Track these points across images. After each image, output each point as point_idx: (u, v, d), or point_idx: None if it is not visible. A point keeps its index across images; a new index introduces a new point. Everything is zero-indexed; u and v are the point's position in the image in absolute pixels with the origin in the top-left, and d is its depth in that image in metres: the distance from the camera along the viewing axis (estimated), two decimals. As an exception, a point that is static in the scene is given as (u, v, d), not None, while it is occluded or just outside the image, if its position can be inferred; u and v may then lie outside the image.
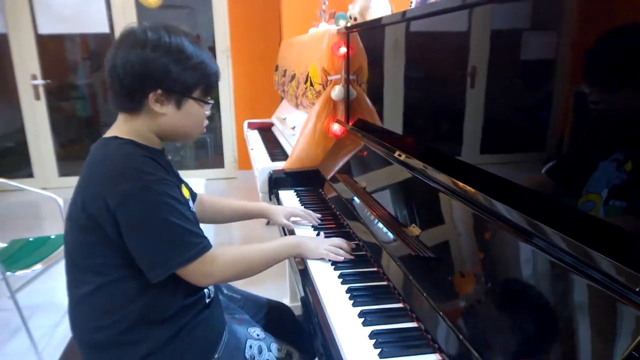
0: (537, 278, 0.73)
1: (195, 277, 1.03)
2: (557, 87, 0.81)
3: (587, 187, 0.72)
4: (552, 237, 0.71)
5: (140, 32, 0.98)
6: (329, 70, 1.93)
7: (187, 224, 1.00)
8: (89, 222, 0.98)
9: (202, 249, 1.01)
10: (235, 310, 1.32)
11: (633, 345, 0.53)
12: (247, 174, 4.88)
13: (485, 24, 1.02)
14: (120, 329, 1.02)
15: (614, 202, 0.68)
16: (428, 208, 1.13)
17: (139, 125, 1.04)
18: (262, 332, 1.23)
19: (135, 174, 0.96)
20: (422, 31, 1.37)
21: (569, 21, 0.79)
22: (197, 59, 1.01)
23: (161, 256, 0.98)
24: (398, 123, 1.52)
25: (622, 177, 0.67)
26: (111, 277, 1.01)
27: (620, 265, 0.59)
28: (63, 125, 4.92)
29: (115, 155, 0.99)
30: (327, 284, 1.10)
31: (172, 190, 1.00)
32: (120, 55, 0.98)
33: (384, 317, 0.94)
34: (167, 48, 0.98)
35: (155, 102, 1.01)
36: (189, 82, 1.02)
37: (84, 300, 1.04)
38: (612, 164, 0.69)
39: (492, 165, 1.01)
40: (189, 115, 1.05)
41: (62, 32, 4.67)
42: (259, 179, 1.99)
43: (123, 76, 0.97)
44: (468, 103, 1.08)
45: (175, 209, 0.98)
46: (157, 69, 0.97)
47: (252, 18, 4.70)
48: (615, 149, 0.68)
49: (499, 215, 0.86)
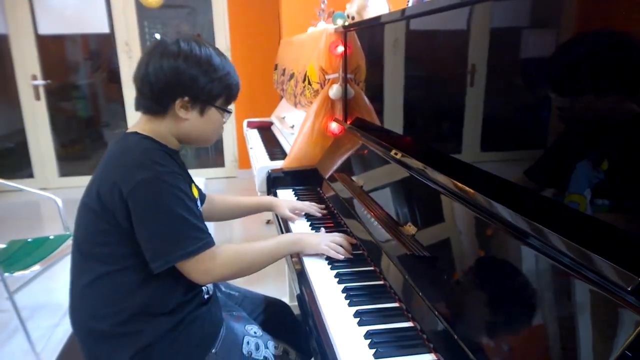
0: (531, 278, 0.73)
1: (195, 272, 1.05)
2: (552, 87, 0.80)
3: (570, 188, 0.72)
4: (548, 237, 0.70)
5: (172, 43, 1.05)
6: (326, 69, 1.92)
7: (193, 218, 1.04)
8: (102, 210, 1.02)
9: (205, 245, 1.04)
10: (233, 307, 1.33)
11: (626, 344, 0.52)
12: (248, 172, 4.88)
13: (485, 21, 1.01)
14: (120, 320, 1.05)
15: (598, 201, 0.67)
16: (425, 207, 1.12)
17: (161, 127, 1.10)
18: (260, 330, 1.24)
19: (150, 165, 1.01)
20: (420, 29, 1.36)
21: (567, 20, 0.78)
22: (223, 70, 1.10)
23: (164, 247, 1.01)
24: (396, 121, 1.51)
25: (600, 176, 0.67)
26: (115, 266, 1.04)
27: (614, 265, 0.58)
28: (63, 126, 4.92)
29: (133, 148, 1.05)
30: (324, 284, 1.09)
31: (183, 185, 1.04)
32: (152, 62, 1.04)
33: (379, 317, 0.94)
34: (197, 59, 1.05)
35: (181, 108, 1.07)
36: (214, 92, 1.09)
37: (86, 289, 1.07)
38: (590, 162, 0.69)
39: (490, 163, 1.00)
40: (210, 121, 1.12)
41: (62, 32, 4.67)
42: (257, 178, 1.99)
43: (155, 82, 1.04)
44: (467, 101, 1.08)
45: (184, 202, 1.02)
46: (187, 78, 1.05)
47: (251, 17, 4.70)
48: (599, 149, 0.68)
49: (496, 215, 0.85)
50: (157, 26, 4.91)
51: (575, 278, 0.63)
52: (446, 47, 1.21)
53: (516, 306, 0.73)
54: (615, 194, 0.65)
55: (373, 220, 1.23)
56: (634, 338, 0.51)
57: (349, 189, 1.49)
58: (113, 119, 5.10)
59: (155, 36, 4.91)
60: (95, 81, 5.04)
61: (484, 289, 0.81)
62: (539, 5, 0.84)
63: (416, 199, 1.17)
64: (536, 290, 0.70)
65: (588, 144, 0.71)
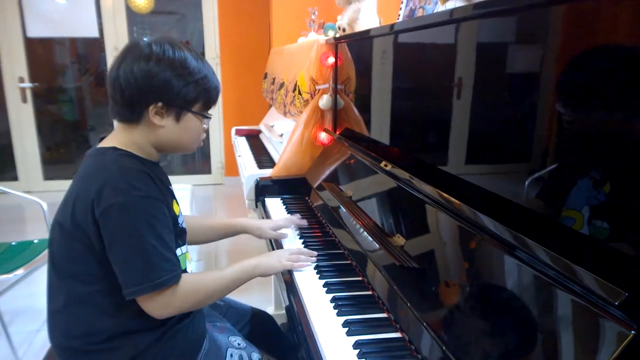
0: (520, 290, 0.74)
1: (152, 306, 0.99)
2: (540, 102, 0.83)
3: (567, 204, 0.74)
4: (535, 250, 0.72)
5: (144, 45, 1.00)
6: (317, 80, 1.94)
7: (165, 249, 0.99)
8: (76, 229, 0.98)
9: (172, 278, 0.99)
10: (217, 318, 1.32)
11: (612, 358, 0.54)
12: (234, 180, 4.87)
13: (472, 36, 1.04)
14: (100, 338, 1.02)
15: (596, 222, 0.69)
16: (413, 218, 1.14)
17: (137, 136, 1.04)
18: (243, 341, 1.23)
19: (124, 188, 0.96)
20: (409, 42, 1.38)
21: (551, 38, 0.81)
22: (199, 74, 1.03)
23: (133, 277, 0.96)
24: (384, 133, 1.53)
25: (600, 197, 0.68)
26: (91, 287, 1.01)
27: (600, 279, 0.60)
28: (49, 129, 4.88)
29: (111, 167, 0.99)
30: (312, 293, 1.10)
31: (158, 211, 0.99)
32: (123, 66, 0.99)
33: (368, 327, 0.95)
34: (170, 62, 0.99)
35: (155, 115, 1.01)
36: (189, 97, 1.03)
37: (64, 308, 1.03)
38: (590, 182, 0.70)
39: (474, 176, 1.02)
40: (188, 128, 1.06)
41: (51, 35, 4.65)
42: (245, 186, 1.99)
43: (125, 87, 0.99)
44: (454, 114, 1.10)
45: (156, 230, 0.97)
46: (160, 83, 0.99)
47: (242, 26, 4.72)
48: (592, 168, 0.70)
49: (483, 227, 0.86)
50: (146, 32, 4.91)
51: (563, 291, 0.65)
52: (434, 60, 1.23)
53: (504, 318, 0.74)
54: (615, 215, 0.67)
55: (361, 230, 1.24)
56: (620, 352, 0.53)
57: (337, 198, 1.50)
58: (99, 123, 5.07)
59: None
60: (82, 85, 5.00)
61: (471, 301, 0.83)
62: (526, 22, 0.87)
63: (403, 209, 1.19)
64: (524, 303, 0.72)
65: (590, 163, 0.73)
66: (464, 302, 0.84)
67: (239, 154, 2.68)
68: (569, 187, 0.74)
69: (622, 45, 0.66)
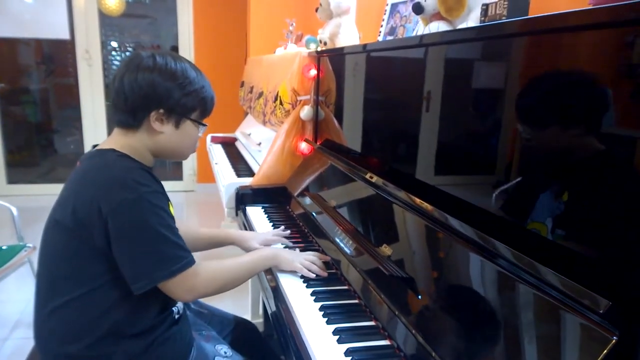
0: (505, 300, 0.79)
1: (178, 291, 1.06)
2: (503, 119, 0.91)
3: (532, 216, 0.81)
4: (522, 262, 0.77)
5: (148, 57, 1.07)
6: (298, 91, 1.98)
7: (175, 237, 1.05)
8: (77, 226, 1.01)
9: (187, 264, 1.05)
10: (203, 326, 1.33)
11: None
12: (207, 187, 4.84)
13: (440, 54, 1.13)
14: (91, 342, 1.03)
15: (558, 231, 0.76)
16: (391, 225, 1.18)
17: (135, 141, 1.10)
18: (230, 350, 1.25)
19: (133, 185, 1.01)
20: (381, 57, 1.48)
21: (512, 63, 0.91)
22: (198, 84, 1.12)
23: (147, 267, 1.01)
24: (359, 143, 1.60)
25: (561, 208, 0.76)
26: (87, 287, 1.03)
27: (565, 279, 0.66)
28: (12, 131, 4.74)
29: (114, 166, 1.05)
30: (300, 301, 1.12)
31: (164, 204, 1.05)
32: (127, 75, 1.06)
33: (358, 335, 0.97)
34: (172, 73, 1.07)
35: (156, 121, 1.08)
36: (189, 105, 1.11)
37: (55, 313, 1.04)
38: (551, 194, 0.78)
39: (445, 186, 1.10)
40: (186, 135, 1.14)
41: (19, 35, 4.54)
42: (224, 195, 1.99)
43: (129, 95, 1.06)
44: (423, 126, 1.19)
45: (166, 221, 1.03)
46: (162, 91, 1.06)
47: (218, 32, 4.72)
48: (552, 180, 0.78)
49: (466, 236, 0.91)
50: (115, 34, 4.85)
51: (547, 300, 0.70)
52: (405, 74, 1.31)
53: (490, 325, 0.79)
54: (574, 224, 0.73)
55: (342, 237, 1.28)
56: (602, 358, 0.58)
57: (318, 206, 1.54)
58: (65, 126, 4.96)
59: (111, 44, 4.84)
60: (47, 86, 4.89)
61: (458, 309, 0.87)
62: (490, 45, 0.96)
63: (383, 217, 1.23)
64: (511, 311, 0.76)
65: (543, 174, 0.79)
66: (452, 311, 0.88)
67: (215, 162, 2.67)
68: (532, 199, 0.81)
69: (573, 70, 0.76)
